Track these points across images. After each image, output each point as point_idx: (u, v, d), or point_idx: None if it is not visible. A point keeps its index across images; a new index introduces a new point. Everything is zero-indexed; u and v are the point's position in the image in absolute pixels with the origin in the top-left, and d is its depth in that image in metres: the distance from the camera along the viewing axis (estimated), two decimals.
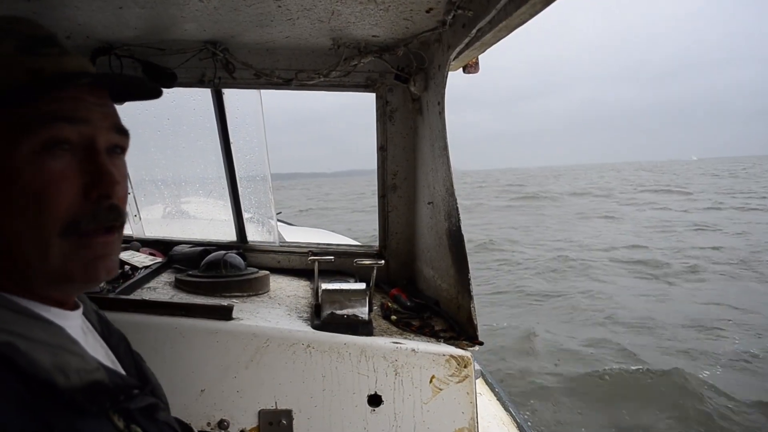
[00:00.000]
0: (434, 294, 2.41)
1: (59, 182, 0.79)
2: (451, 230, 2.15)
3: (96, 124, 0.84)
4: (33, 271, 0.81)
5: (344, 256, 2.81)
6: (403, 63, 2.51)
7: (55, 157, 0.80)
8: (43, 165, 0.78)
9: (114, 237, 0.86)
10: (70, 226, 0.80)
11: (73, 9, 2.01)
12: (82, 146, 0.83)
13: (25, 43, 0.83)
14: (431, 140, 2.36)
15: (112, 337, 1.07)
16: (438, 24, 2.15)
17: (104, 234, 0.84)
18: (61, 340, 0.80)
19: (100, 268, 0.84)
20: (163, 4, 1.98)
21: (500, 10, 1.67)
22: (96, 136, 0.84)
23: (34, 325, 0.79)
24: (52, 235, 0.79)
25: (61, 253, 0.81)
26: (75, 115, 0.81)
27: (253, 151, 3.01)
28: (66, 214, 0.80)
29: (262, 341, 1.86)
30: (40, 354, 0.74)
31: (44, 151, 0.79)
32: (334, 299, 2.04)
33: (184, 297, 2.26)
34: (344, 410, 1.85)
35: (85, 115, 0.83)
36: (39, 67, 0.81)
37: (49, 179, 0.79)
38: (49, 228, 0.79)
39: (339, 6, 1.98)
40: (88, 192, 0.82)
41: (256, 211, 3.22)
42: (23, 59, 0.81)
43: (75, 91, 0.83)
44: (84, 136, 0.83)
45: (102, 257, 0.84)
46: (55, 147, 0.80)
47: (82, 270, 0.83)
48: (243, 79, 2.60)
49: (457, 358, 1.86)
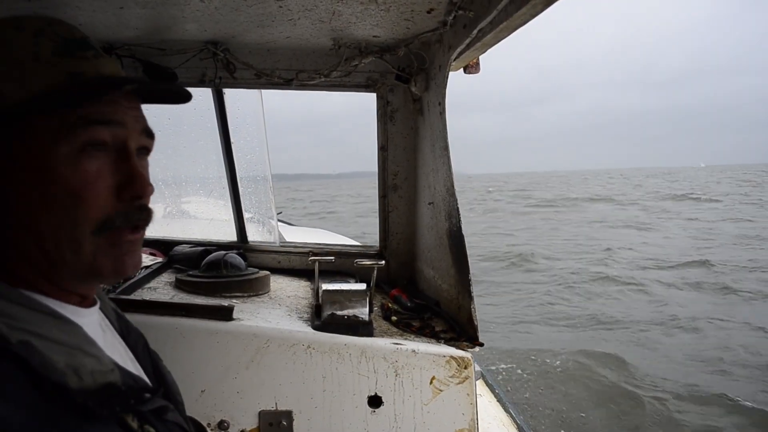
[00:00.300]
0: (435, 294, 2.41)
1: (95, 182, 0.83)
2: (451, 230, 2.15)
3: (129, 127, 0.87)
4: (65, 266, 0.84)
5: (344, 256, 2.81)
6: (403, 63, 2.51)
7: (91, 158, 0.83)
8: (80, 165, 0.81)
9: (140, 235, 0.90)
10: (104, 224, 0.84)
11: (73, 9, 2.01)
12: (115, 148, 0.86)
13: (63, 45, 0.84)
14: (432, 140, 2.36)
15: (130, 335, 1.09)
16: (439, 24, 2.15)
17: (132, 232, 0.88)
18: (77, 340, 0.82)
19: (128, 264, 0.88)
20: (163, 5, 1.97)
21: (501, 10, 1.66)
22: (128, 139, 0.87)
23: (52, 324, 0.81)
24: (86, 233, 0.83)
25: (93, 249, 0.84)
26: (111, 118, 0.84)
27: (254, 150, 3.01)
28: (100, 212, 0.83)
29: (262, 342, 1.86)
30: (55, 354, 0.75)
31: (81, 152, 0.82)
32: (334, 300, 2.04)
33: (185, 297, 2.26)
34: (344, 411, 1.85)
35: (120, 118, 0.86)
36: (78, 70, 0.84)
37: (86, 179, 0.82)
38: (84, 225, 0.82)
39: (340, 6, 1.98)
40: (121, 192, 0.85)
41: (257, 211, 3.22)
42: (63, 61, 0.83)
43: (111, 94, 0.86)
44: (118, 139, 0.86)
45: (129, 253, 0.88)
46: (92, 148, 0.83)
47: (111, 265, 0.86)
48: (244, 79, 2.60)
49: (457, 359, 1.86)
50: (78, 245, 0.83)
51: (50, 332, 0.78)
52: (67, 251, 0.83)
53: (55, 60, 0.83)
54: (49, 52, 0.83)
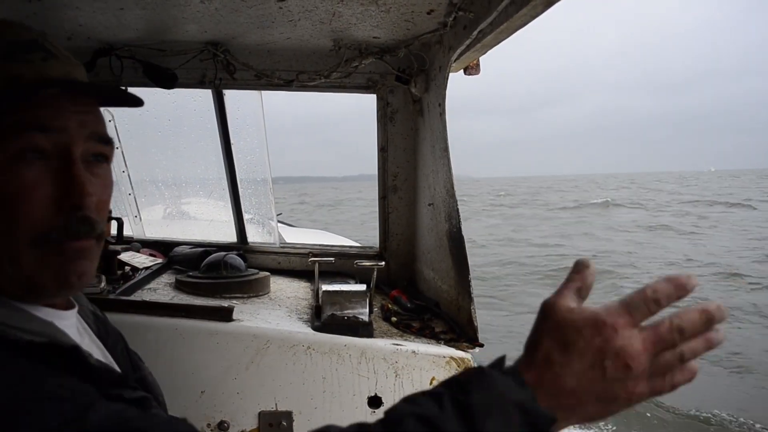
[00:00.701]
0: (434, 295, 2.41)
1: (30, 191, 0.78)
2: (451, 232, 2.15)
3: (72, 133, 0.82)
4: (7, 279, 0.80)
5: (344, 257, 2.81)
6: (403, 64, 2.51)
7: (27, 167, 0.78)
8: (15, 174, 0.77)
9: (89, 243, 0.84)
10: (40, 237, 0.79)
11: (74, 10, 2.01)
12: (56, 155, 0.80)
13: (7, 49, 0.81)
14: (432, 142, 2.36)
15: (109, 337, 1.06)
16: (439, 26, 2.15)
17: (77, 240, 0.82)
18: (52, 330, 0.80)
19: (70, 273, 0.82)
20: (164, 6, 1.98)
21: (501, 12, 1.67)
22: (72, 145, 0.81)
23: (31, 319, 0.79)
24: (22, 244, 0.78)
25: (33, 261, 0.79)
26: (50, 123, 0.79)
27: (254, 152, 3.01)
28: (37, 224, 0.78)
29: (262, 342, 1.86)
30: (31, 337, 0.74)
31: (18, 160, 0.77)
32: (334, 300, 2.04)
33: (185, 298, 2.26)
34: (344, 412, 1.85)
35: (61, 123, 0.81)
36: (18, 74, 0.80)
37: (21, 188, 0.77)
38: (19, 237, 0.78)
39: (340, 7, 1.98)
40: (61, 202, 0.80)
41: (257, 212, 3.22)
42: (3, 66, 0.80)
43: (52, 98, 0.80)
44: (59, 145, 0.80)
45: (73, 261, 0.82)
46: (30, 156, 0.78)
47: (52, 277, 0.81)
48: (244, 80, 2.60)
49: (457, 360, 1.86)
50: (15, 257, 0.79)
51: (29, 325, 0.77)
52: (5, 263, 0.79)
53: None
54: None
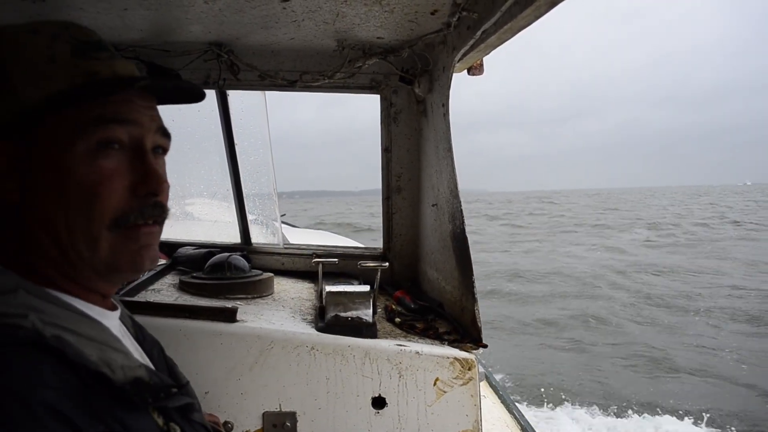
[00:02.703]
0: (438, 296, 2.40)
1: (110, 179, 0.84)
2: (455, 232, 2.14)
3: (144, 126, 0.89)
4: (82, 263, 0.86)
5: (348, 258, 2.80)
6: (407, 65, 2.51)
7: (107, 156, 0.85)
8: (96, 163, 0.84)
9: (156, 228, 0.92)
10: (118, 220, 0.86)
11: (77, 11, 2.02)
12: (131, 146, 0.88)
13: (80, 47, 0.87)
14: (436, 142, 2.35)
15: (145, 341, 1.12)
16: (443, 26, 2.15)
17: (148, 226, 0.90)
18: (106, 337, 0.85)
19: (144, 257, 0.90)
20: (167, 6, 1.98)
21: (505, 12, 1.66)
22: (144, 137, 0.89)
23: (81, 321, 0.83)
24: (101, 228, 0.85)
25: (109, 245, 0.86)
26: (126, 117, 0.86)
27: (258, 152, 3.01)
28: (115, 208, 0.85)
29: (266, 343, 1.86)
30: (87, 348, 0.78)
31: (97, 151, 0.84)
32: (338, 301, 2.03)
33: (188, 299, 2.26)
34: (348, 412, 1.85)
35: (135, 117, 0.88)
36: (94, 70, 0.86)
37: (101, 176, 0.84)
38: (99, 221, 0.84)
39: (344, 8, 1.98)
40: (136, 189, 0.87)
41: (260, 212, 3.22)
42: (79, 62, 0.85)
43: (126, 94, 0.87)
44: (133, 137, 0.88)
45: (146, 247, 0.90)
46: (108, 147, 0.85)
47: (128, 260, 0.88)
48: (247, 80, 2.60)
49: (461, 361, 1.86)
50: (94, 241, 0.85)
51: (80, 328, 0.81)
52: (84, 248, 0.85)
53: (71, 62, 0.85)
54: (66, 54, 0.85)
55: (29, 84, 0.83)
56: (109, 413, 0.75)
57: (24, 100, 0.82)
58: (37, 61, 0.84)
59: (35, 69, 0.83)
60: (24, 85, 0.83)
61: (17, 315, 0.75)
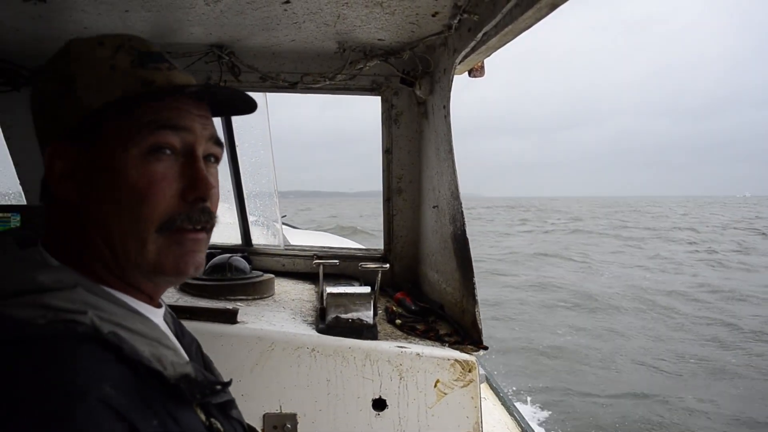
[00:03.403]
0: (439, 298, 2.40)
1: (160, 183, 0.87)
2: (456, 234, 2.14)
3: (197, 133, 0.92)
4: (131, 264, 0.88)
5: (349, 259, 2.80)
6: (408, 67, 2.51)
7: (158, 161, 0.87)
8: (148, 167, 0.86)
9: (203, 235, 0.94)
10: (166, 223, 0.88)
11: (79, 12, 2.02)
12: (183, 152, 0.90)
13: (140, 57, 0.91)
14: (436, 144, 2.36)
15: (185, 338, 1.14)
16: (444, 28, 2.15)
17: (195, 232, 0.91)
18: (157, 334, 0.87)
19: (189, 263, 0.91)
20: (169, 8, 1.98)
21: (506, 14, 1.66)
22: (196, 144, 0.92)
23: (134, 318, 0.86)
24: (150, 231, 0.87)
25: (156, 247, 0.88)
26: (179, 123, 0.89)
27: (258, 154, 3.02)
28: (163, 212, 0.87)
29: (266, 345, 1.86)
30: (140, 344, 0.81)
31: (149, 155, 0.87)
32: (338, 303, 2.03)
33: (189, 300, 2.26)
34: (349, 414, 1.85)
35: (188, 124, 0.90)
36: (151, 79, 0.90)
37: (152, 180, 0.86)
38: (148, 224, 0.87)
39: (345, 10, 1.98)
40: (185, 194, 0.89)
41: (261, 214, 3.23)
42: (137, 71, 0.90)
43: (180, 102, 0.90)
44: (186, 143, 0.90)
45: (191, 252, 0.91)
46: (159, 151, 0.87)
47: (173, 264, 0.90)
48: (248, 82, 2.60)
49: (461, 363, 1.86)
50: (143, 243, 0.87)
51: (134, 325, 0.84)
52: (133, 249, 0.87)
53: (130, 71, 0.89)
54: (126, 63, 0.89)
55: (91, 91, 0.87)
56: (163, 408, 0.78)
57: (86, 106, 0.87)
58: (99, 69, 0.89)
59: (97, 77, 0.88)
60: (87, 92, 0.87)
61: (77, 311, 0.77)
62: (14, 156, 2.99)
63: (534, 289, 16.71)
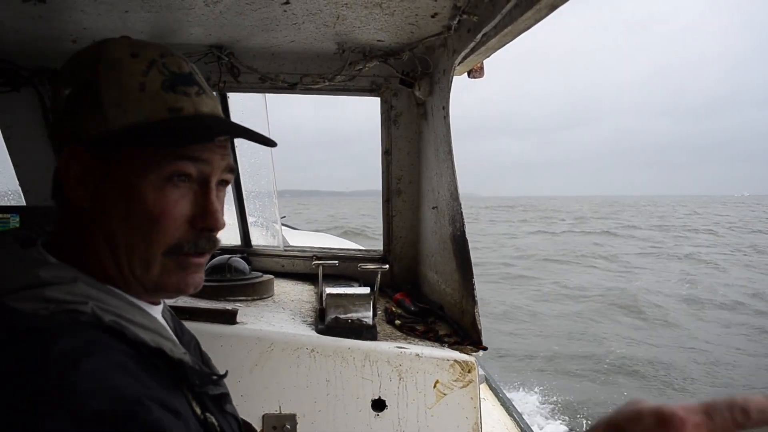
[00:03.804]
0: (438, 299, 2.41)
1: (173, 209, 0.90)
2: (455, 235, 2.14)
3: (214, 165, 0.93)
4: (134, 279, 0.90)
5: (348, 260, 2.80)
6: (408, 68, 2.51)
7: (175, 188, 0.89)
8: (163, 193, 0.88)
9: (205, 258, 0.97)
10: (173, 248, 0.91)
11: (78, 13, 2.02)
12: (198, 181, 0.92)
13: (170, 79, 0.91)
14: (436, 145, 2.36)
15: (184, 335, 1.16)
16: (443, 29, 2.15)
17: (197, 256, 0.95)
18: (156, 326, 0.90)
19: (189, 284, 0.94)
20: (168, 9, 1.98)
21: (505, 15, 1.67)
22: (212, 175, 0.94)
23: (135, 311, 0.89)
24: (157, 253, 0.90)
25: (161, 268, 0.91)
26: (200, 156, 0.91)
27: (257, 155, 3.02)
28: (172, 237, 0.90)
29: (266, 345, 1.86)
30: (141, 333, 0.84)
31: (167, 181, 0.89)
32: (338, 303, 2.04)
33: (188, 301, 2.25)
34: (348, 415, 1.85)
35: (208, 156, 0.92)
36: (179, 106, 0.90)
37: (166, 206, 0.89)
38: (156, 247, 0.89)
39: (344, 11, 1.99)
40: (195, 222, 0.92)
41: (260, 215, 3.23)
42: (166, 96, 0.89)
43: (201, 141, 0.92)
44: (202, 173, 0.92)
45: (192, 274, 0.95)
46: (177, 179, 0.89)
47: (174, 284, 0.93)
48: (248, 83, 2.60)
49: (461, 363, 1.86)
50: (148, 264, 0.90)
51: (134, 316, 0.86)
52: (138, 267, 0.90)
53: (159, 94, 0.89)
54: (157, 85, 0.89)
55: (117, 108, 0.88)
56: (159, 392, 0.79)
57: (109, 122, 0.87)
58: (129, 87, 0.88)
59: (126, 95, 0.88)
60: (112, 108, 0.88)
61: (77, 302, 0.80)
62: (13, 156, 2.98)
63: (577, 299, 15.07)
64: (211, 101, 0.96)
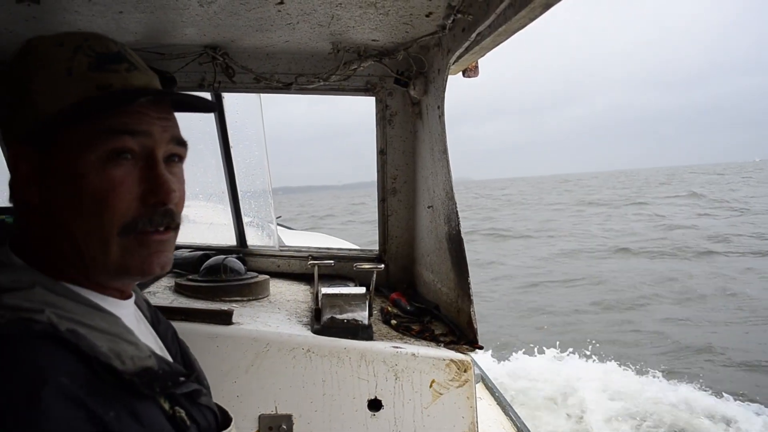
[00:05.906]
0: (434, 298, 2.41)
1: (120, 188, 0.88)
2: (450, 234, 2.15)
3: (156, 137, 0.92)
4: (95, 265, 0.90)
5: (344, 260, 2.80)
6: (402, 67, 2.51)
7: (117, 166, 0.88)
8: (106, 172, 0.87)
9: (168, 235, 0.95)
10: (127, 227, 0.89)
11: (72, 14, 2.01)
12: (143, 156, 0.91)
13: (97, 59, 0.90)
14: (431, 144, 2.36)
15: (160, 325, 1.16)
16: (438, 28, 2.15)
17: (160, 233, 0.93)
18: (117, 329, 0.89)
19: (154, 263, 0.93)
20: (163, 9, 1.98)
21: (500, 14, 1.67)
22: (156, 148, 0.92)
23: (94, 315, 0.88)
24: (112, 234, 0.89)
25: (120, 249, 0.90)
26: (138, 128, 0.89)
27: (253, 154, 3.01)
28: (124, 216, 0.89)
29: (262, 346, 1.86)
30: (98, 340, 0.83)
31: (108, 160, 0.87)
32: (334, 303, 2.03)
33: (184, 301, 2.25)
34: (344, 415, 1.85)
35: (147, 128, 0.91)
36: (107, 83, 0.89)
37: (112, 185, 0.88)
38: (110, 227, 0.88)
39: (339, 10, 1.99)
40: (146, 198, 0.91)
41: (256, 215, 3.22)
42: (94, 75, 0.89)
43: (139, 105, 0.91)
44: (145, 147, 0.91)
45: (156, 253, 0.93)
46: (119, 157, 0.88)
47: (138, 264, 0.92)
48: (243, 83, 2.60)
49: (457, 363, 1.86)
50: (106, 245, 0.89)
51: (93, 321, 0.85)
52: (97, 251, 0.89)
53: (87, 75, 0.89)
54: (84, 67, 0.89)
55: (46, 97, 0.88)
56: (119, 400, 0.80)
57: (40, 112, 0.87)
58: (56, 73, 0.88)
59: (53, 81, 0.88)
60: (42, 98, 0.88)
61: (34, 310, 0.79)
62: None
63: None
64: (145, 76, 0.95)
